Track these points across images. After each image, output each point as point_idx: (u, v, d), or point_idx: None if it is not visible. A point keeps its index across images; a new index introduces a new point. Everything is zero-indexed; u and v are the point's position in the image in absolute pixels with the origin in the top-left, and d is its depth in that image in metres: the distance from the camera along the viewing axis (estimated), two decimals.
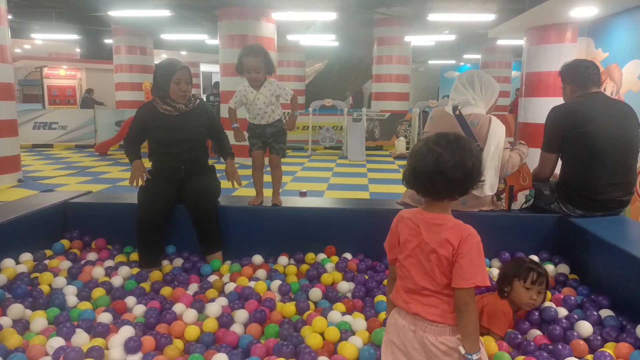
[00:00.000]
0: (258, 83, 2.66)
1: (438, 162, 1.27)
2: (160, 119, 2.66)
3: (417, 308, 1.32)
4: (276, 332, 1.88)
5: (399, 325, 1.36)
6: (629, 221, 2.45)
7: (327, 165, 8.80)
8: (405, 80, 12.18)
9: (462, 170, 1.27)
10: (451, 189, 1.30)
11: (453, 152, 1.27)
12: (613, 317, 1.91)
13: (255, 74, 2.62)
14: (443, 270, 1.29)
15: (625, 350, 1.69)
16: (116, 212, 2.80)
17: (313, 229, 2.69)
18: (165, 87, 2.62)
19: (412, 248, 1.34)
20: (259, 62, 2.61)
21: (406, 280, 1.36)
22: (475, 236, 1.29)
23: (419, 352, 1.32)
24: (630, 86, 3.99)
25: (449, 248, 1.28)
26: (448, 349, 1.29)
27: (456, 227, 1.30)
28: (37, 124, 10.96)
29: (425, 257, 1.31)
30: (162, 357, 1.69)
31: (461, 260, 1.26)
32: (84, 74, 16.65)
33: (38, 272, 2.34)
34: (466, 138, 1.35)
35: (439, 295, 1.31)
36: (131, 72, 12.63)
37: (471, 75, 2.51)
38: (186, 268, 2.56)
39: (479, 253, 1.27)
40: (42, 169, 7.83)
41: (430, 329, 1.30)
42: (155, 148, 2.74)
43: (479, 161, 1.31)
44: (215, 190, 2.80)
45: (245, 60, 2.60)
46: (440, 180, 1.27)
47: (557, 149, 2.50)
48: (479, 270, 1.26)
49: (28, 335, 1.84)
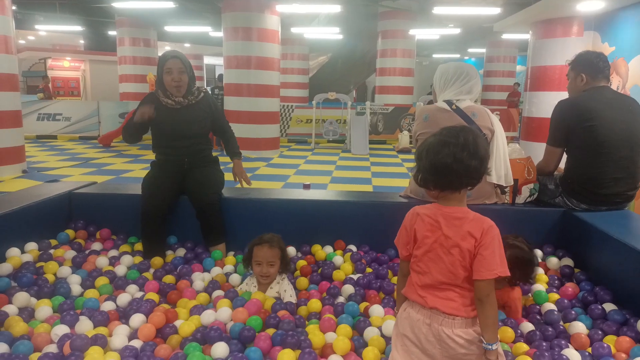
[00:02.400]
0: (267, 281, 2.14)
1: (455, 152, 1.30)
2: (163, 112, 2.65)
3: (434, 302, 1.33)
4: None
5: (412, 319, 1.37)
6: (634, 215, 2.44)
7: (330, 158, 8.80)
8: (410, 74, 12.14)
9: (477, 156, 1.31)
10: (470, 177, 1.33)
11: (466, 141, 1.31)
12: (616, 311, 1.91)
13: (268, 269, 2.11)
14: (464, 263, 1.31)
15: (626, 344, 1.70)
16: (120, 202, 2.81)
17: (317, 221, 2.69)
18: (160, 78, 2.62)
19: (430, 243, 1.35)
20: (275, 254, 2.13)
21: (423, 276, 1.36)
22: (496, 228, 1.32)
23: (434, 345, 1.33)
24: (636, 81, 3.96)
25: (471, 241, 1.30)
26: (465, 342, 1.30)
27: (477, 220, 1.33)
28: (41, 115, 11.00)
29: (446, 252, 1.32)
30: (164, 346, 1.70)
31: (484, 252, 1.28)
32: (87, 66, 16.66)
33: (43, 261, 2.35)
34: (470, 126, 1.37)
35: (458, 288, 1.32)
36: (135, 64, 12.65)
37: (455, 69, 2.50)
38: (188, 259, 2.57)
39: (499, 244, 1.30)
40: (46, 160, 7.86)
41: (446, 322, 1.31)
42: (159, 141, 2.74)
43: (488, 147, 1.34)
44: (219, 182, 2.80)
45: (256, 250, 2.12)
46: (459, 169, 1.30)
47: (563, 143, 2.49)
48: (500, 261, 1.29)
49: (33, 323, 1.85)
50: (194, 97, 2.71)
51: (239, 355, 1.58)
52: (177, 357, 1.61)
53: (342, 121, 10.86)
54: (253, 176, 6.48)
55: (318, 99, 10.42)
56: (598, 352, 1.66)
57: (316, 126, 10.64)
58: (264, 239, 2.13)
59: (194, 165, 2.72)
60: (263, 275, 2.11)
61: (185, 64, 2.64)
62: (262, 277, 2.13)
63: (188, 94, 2.70)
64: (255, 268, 2.13)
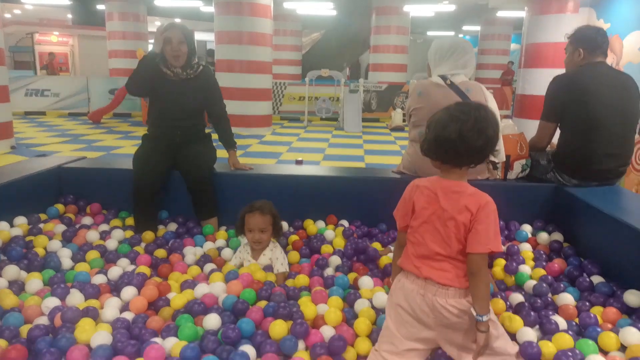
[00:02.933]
0: (260, 247, 2.20)
1: (462, 129, 1.30)
2: (161, 80, 2.60)
3: (429, 272, 1.36)
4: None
5: (407, 289, 1.40)
6: (624, 191, 2.47)
7: (323, 136, 8.77)
8: (404, 52, 12.04)
9: (484, 137, 1.30)
10: (472, 156, 1.33)
11: (476, 120, 1.30)
12: (603, 283, 1.94)
13: (260, 235, 2.17)
14: (459, 236, 1.33)
15: (613, 315, 1.73)
16: (111, 177, 2.79)
17: (309, 196, 2.68)
18: (159, 47, 2.56)
19: (428, 215, 1.37)
20: (266, 221, 2.17)
21: (419, 246, 1.39)
22: (492, 204, 1.33)
23: (427, 315, 1.36)
24: (631, 58, 3.95)
25: (467, 215, 1.31)
26: (458, 311, 1.34)
27: (475, 195, 1.34)
28: (29, 91, 10.80)
29: (442, 224, 1.34)
30: (156, 318, 1.70)
31: (478, 227, 1.30)
32: (76, 41, 16.32)
33: (33, 235, 2.33)
34: (485, 105, 1.37)
35: (452, 260, 1.35)
36: (124, 39, 12.39)
37: (451, 43, 2.47)
38: (180, 234, 2.56)
39: (495, 220, 1.32)
40: (35, 136, 7.75)
41: (440, 292, 1.34)
42: (153, 111, 2.70)
43: (498, 129, 1.34)
44: (211, 157, 2.77)
45: (248, 217, 2.16)
46: (463, 147, 1.31)
47: (557, 119, 2.48)
48: (494, 236, 1.30)
49: (23, 295, 1.84)
50: (193, 71, 2.66)
51: (231, 326, 1.59)
52: (169, 328, 1.62)
53: (335, 99, 10.78)
54: (245, 153, 6.44)
55: (311, 76, 10.31)
56: (585, 322, 1.69)
57: (309, 104, 10.55)
58: (255, 206, 2.15)
59: (186, 140, 2.69)
60: (255, 241, 2.14)
61: (186, 34, 2.58)
62: (254, 244, 2.16)
63: (187, 67, 2.65)
64: (247, 235, 2.16)
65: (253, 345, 1.55)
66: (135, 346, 1.50)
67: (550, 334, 1.62)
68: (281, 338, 1.56)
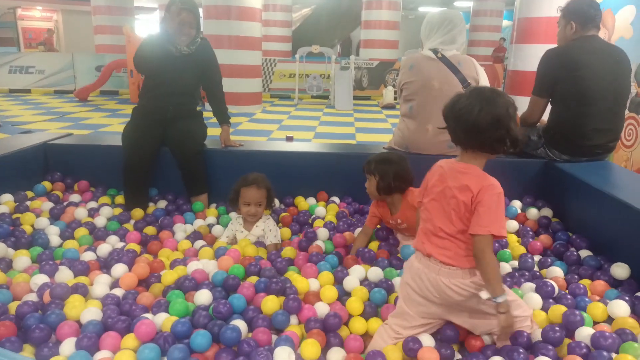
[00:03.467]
0: (254, 219, 2.22)
1: (457, 106, 1.35)
2: (165, 55, 2.54)
3: (431, 249, 1.39)
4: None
5: (414, 268, 1.45)
6: (613, 166, 2.48)
7: (314, 114, 8.70)
8: (395, 28, 11.90)
9: (488, 117, 1.30)
10: (473, 136, 1.34)
11: (481, 99, 1.33)
12: (591, 257, 1.96)
13: (256, 209, 2.19)
14: (460, 215, 1.35)
15: (601, 288, 1.75)
16: (99, 154, 2.74)
17: (300, 173, 2.67)
18: (172, 27, 2.50)
19: (437, 192, 1.41)
20: (262, 194, 2.19)
21: (427, 222, 1.44)
22: (497, 187, 1.33)
23: (433, 294, 1.40)
24: (623, 33, 3.93)
25: (468, 194, 1.33)
26: (462, 291, 1.36)
27: (479, 177, 1.35)
28: (12, 68, 10.56)
29: (447, 202, 1.37)
30: (146, 294, 1.69)
31: (480, 209, 1.31)
32: (60, 16, 15.90)
33: (20, 213, 2.30)
34: (500, 91, 1.37)
35: (453, 238, 1.37)
36: (110, 15, 12.08)
37: (443, 16, 2.45)
38: (170, 211, 2.54)
39: (498, 204, 1.32)
40: (20, 114, 7.60)
41: (443, 271, 1.37)
42: (148, 85, 2.64)
43: (508, 110, 1.33)
44: (202, 133, 2.74)
45: (244, 191, 2.17)
46: (459, 126, 1.35)
47: (548, 93, 2.47)
48: (496, 220, 1.30)
49: (11, 273, 1.82)
50: (195, 46, 2.61)
51: (222, 301, 1.58)
52: (159, 304, 1.61)
53: (326, 76, 10.66)
54: (235, 131, 6.37)
55: (301, 52, 10.15)
56: (574, 292, 1.72)
57: (299, 81, 10.43)
58: (251, 180, 2.16)
59: (177, 116, 2.64)
60: (251, 214, 2.16)
61: (196, 15, 2.55)
62: (249, 217, 2.18)
63: (192, 44, 2.59)
64: (243, 208, 2.17)
65: (245, 320, 1.55)
66: (126, 322, 1.49)
67: (547, 297, 1.66)
68: (273, 313, 1.56)
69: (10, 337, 1.40)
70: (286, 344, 1.39)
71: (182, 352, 1.33)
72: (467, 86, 2.38)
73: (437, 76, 2.39)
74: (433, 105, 2.37)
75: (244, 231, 2.20)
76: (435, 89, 2.39)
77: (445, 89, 2.36)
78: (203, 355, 1.40)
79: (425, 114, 2.43)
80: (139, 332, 1.41)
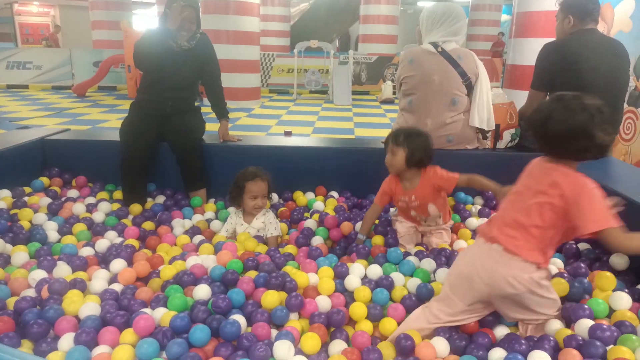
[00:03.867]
0: (259, 212, 2.23)
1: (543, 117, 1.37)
2: (165, 51, 2.53)
3: (499, 236, 1.39)
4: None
5: (470, 254, 1.47)
6: (612, 159, 2.48)
7: (312, 109, 8.69)
8: (394, 22, 11.87)
9: (564, 126, 1.31)
10: (554, 144, 1.36)
11: (559, 109, 1.34)
12: (590, 250, 1.96)
13: (262, 200, 2.20)
14: (541, 210, 1.34)
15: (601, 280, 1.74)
16: (96, 149, 2.73)
17: (298, 168, 2.66)
18: (174, 23, 2.48)
19: (521, 185, 1.44)
20: (266, 186, 2.21)
21: (502, 211, 1.46)
22: (588, 183, 1.32)
23: (483, 281, 1.39)
24: (622, 26, 3.92)
25: (556, 191, 1.32)
26: (517, 284, 1.35)
27: (569, 175, 1.34)
28: (10, 64, 10.53)
29: (532, 195, 1.37)
30: (145, 289, 1.69)
31: (578, 207, 1.29)
32: (57, 11, 15.83)
33: (17, 208, 2.29)
34: (583, 96, 1.35)
35: (525, 230, 1.36)
36: (108, 10, 12.04)
37: (444, 10, 2.43)
38: (168, 206, 2.54)
39: (595, 198, 1.29)
40: (18, 110, 7.58)
41: (503, 260, 1.36)
42: (147, 80, 2.63)
43: (586, 119, 1.31)
44: (200, 128, 2.73)
45: (250, 185, 2.16)
46: (540, 134, 1.38)
47: (547, 87, 2.46)
48: (600, 211, 1.28)
49: (9, 268, 1.82)
50: (195, 41, 2.59)
51: (221, 296, 1.58)
52: (158, 299, 1.61)
53: (325, 71, 10.64)
54: (233, 127, 6.37)
55: (300, 47, 10.13)
56: (576, 272, 1.74)
57: (298, 76, 10.41)
58: (253, 173, 2.17)
59: (176, 111, 2.63)
60: (258, 207, 2.18)
61: (197, 10, 2.55)
62: (255, 210, 2.18)
63: (192, 39, 2.58)
64: (249, 202, 2.17)
65: (244, 315, 1.55)
66: (125, 317, 1.49)
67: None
68: (273, 308, 1.56)
69: (9, 333, 1.40)
70: (286, 338, 1.39)
71: (180, 346, 1.33)
72: (467, 80, 2.38)
73: (437, 70, 2.38)
74: (432, 99, 2.36)
75: (244, 224, 2.21)
76: (435, 83, 2.38)
77: (445, 83, 2.35)
78: (202, 349, 1.39)
79: (425, 108, 2.42)
80: (138, 327, 1.41)
